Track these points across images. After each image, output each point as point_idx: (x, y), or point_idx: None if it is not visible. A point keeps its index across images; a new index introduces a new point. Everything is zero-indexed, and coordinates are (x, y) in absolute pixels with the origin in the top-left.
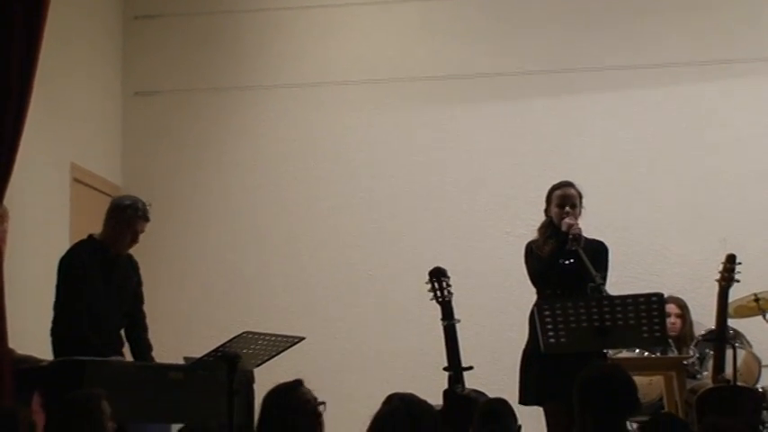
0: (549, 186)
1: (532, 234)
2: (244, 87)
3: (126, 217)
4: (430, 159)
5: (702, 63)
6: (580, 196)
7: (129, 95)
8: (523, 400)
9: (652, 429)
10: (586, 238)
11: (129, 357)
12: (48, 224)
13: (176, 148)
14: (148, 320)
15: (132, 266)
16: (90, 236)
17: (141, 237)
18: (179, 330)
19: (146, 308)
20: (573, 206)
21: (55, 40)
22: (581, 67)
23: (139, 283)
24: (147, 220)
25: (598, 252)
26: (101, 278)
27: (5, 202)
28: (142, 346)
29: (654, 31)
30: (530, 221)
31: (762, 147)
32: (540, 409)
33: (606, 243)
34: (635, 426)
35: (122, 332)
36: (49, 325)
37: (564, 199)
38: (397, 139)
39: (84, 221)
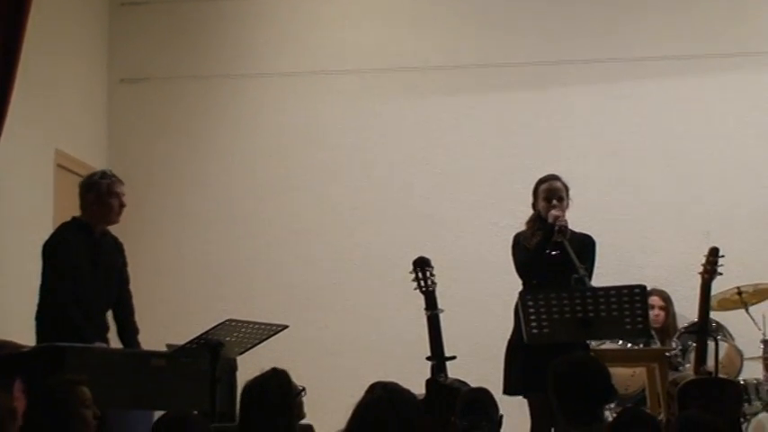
0: (536, 178)
1: (518, 225)
2: (229, 75)
3: (104, 186)
4: (417, 149)
5: (689, 57)
6: (566, 189)
7: (115, 82)
8: (507, 391)
9: (619, 425)
10: (574, 232)
11: (115, 341)
12: (31, 210)
13: (161, 135)
14: None
15: (118, 248)
16: (74, 218)
17: (123, 222)
18: (161, 317)
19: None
20: (560, 199)
21: (40, 26)
22: (568, 60)
23: (125, 264)
24: (122, 182)
25: (585, 245)
26: (87, 260)
27: None
28: (129, 330)
29: (641, 24)
30: (516, 213)
31: (746, 141)
32: (524, 399)
33: (593, 237)
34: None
35: (109, 314)
36: (32, 310)
37: (550, 192)
38: (383, 128)
39: (68, 208)
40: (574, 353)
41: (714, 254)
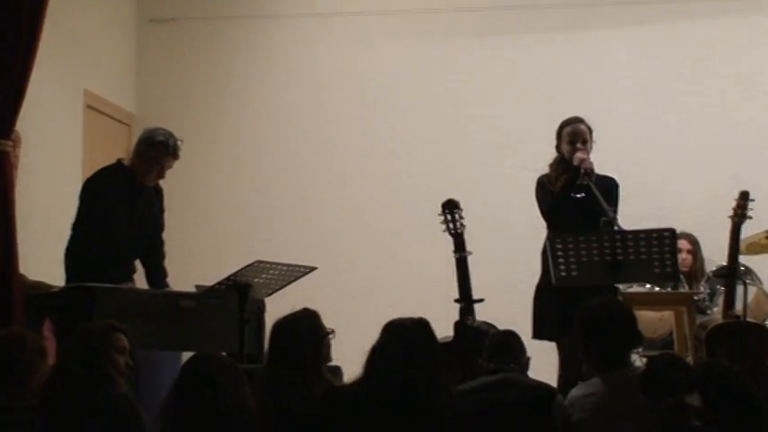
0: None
1: (544, 168)
2: (259, 16)
3: (155, 153)
4: (445, 92)
5: None
6: (590, 131)
7: (144, 22)
8: (536, 335)
9: (652, 370)
10: (597, 175)
11: (141, 284)
12: (60, 150)
13: (190, 76)
14: None
15: (157, 194)
16: (118, 161)
17: None
18: (190, 258)
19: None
20: (584, 142)
21: None
22: (598, 2)
23: (162, 210)
24: (176, 157)
25: (609, 188)
26: (125, 206)
27: (18, 127)
28: (158, 273)
29: None
30: (545, 156)
31: None
32: (552, 343)
33: (617, 179)
34: (644, 360)
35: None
36: (61, 250)
37: (575, 135)
38: (412, 70)
39: (97, 148)
40: (599, 297)
41: (744, 198)
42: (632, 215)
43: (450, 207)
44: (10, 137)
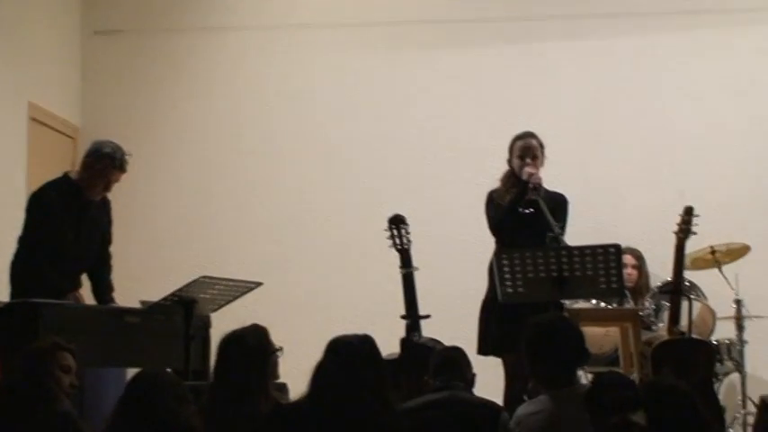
0: (511, 136)
1: (494, 183)
2: (205, 28)
3: (101, 166)
4: (391, 105)
5: (665, 13)
6: (542, 147)
7: (89, 34)
8: (482, 351)
9: (597, 388)
10: (547, 190)
11: (89, 299)
12: (4, 164)
13: (136, 89)
14: None
15: (105, 208)
16: (65, 174)
17: None
18: (135, 273)
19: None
20: (534, 157)
21: None
22: (545, 15)
23: (110, 223)
24: (122, 171)
25: (558, 204)
26: (71, 219)
27: None
28: (104, 287)
29: None
30: (491, 170)
31: (721, 99)
32: (498, 359)
33: (566, 195)
34: (590, 377)
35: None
36: (5, 265)
37: (525, 150)
38: (357, 83)
39: (42, 161)
40: (546, 314)
41: (689, 213)
42: (578, 230)
43: (397, 222)
44: None
